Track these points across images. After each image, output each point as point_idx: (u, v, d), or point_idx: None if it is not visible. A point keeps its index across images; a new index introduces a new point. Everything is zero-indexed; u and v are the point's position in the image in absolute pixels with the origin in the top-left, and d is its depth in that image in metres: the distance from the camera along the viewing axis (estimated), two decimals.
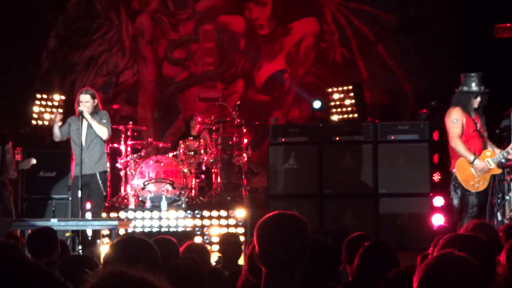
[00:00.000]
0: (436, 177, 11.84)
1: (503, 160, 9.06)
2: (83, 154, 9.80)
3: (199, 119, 13.25)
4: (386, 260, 4.29)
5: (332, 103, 13.08)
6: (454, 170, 9.00)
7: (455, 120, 8.98)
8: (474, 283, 2.75)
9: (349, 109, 12.91)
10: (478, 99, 9.09)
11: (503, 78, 10.90)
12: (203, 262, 5.22)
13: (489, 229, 5.02)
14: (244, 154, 12.97)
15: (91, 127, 9.87)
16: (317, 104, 13.63)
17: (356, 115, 12.83)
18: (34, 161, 11.19)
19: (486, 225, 5.19)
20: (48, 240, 6.11)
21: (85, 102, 9.83)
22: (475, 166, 8.89)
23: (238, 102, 13.50)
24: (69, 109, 10.89)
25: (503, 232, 4.91)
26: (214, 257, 8.97)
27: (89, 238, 9.73)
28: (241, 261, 7.30)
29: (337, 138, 12.03)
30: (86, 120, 9.83)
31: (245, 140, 13.03)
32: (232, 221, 11.59)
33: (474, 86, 9.03)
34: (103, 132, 9.91)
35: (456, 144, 8.95)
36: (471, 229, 4.83)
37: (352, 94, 12.94)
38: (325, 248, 4.10)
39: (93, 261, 4.76)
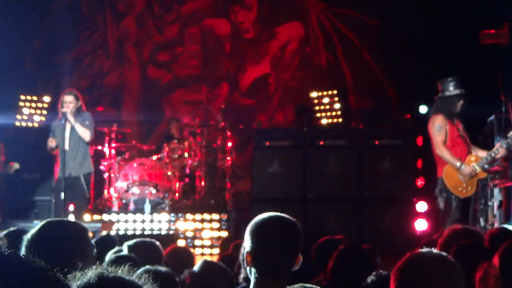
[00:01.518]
0: (420, 182, 11.86)
1: (486, 166, 9.07)
2: (67, 156, 9.78)
3: (186, 122, 13.25)
4: (361, 263, 4.27)
5: (317, 108, 13.09)
6: (441, 176, 9.05)
7: (439, 127, 9.04)
8: (449, 279, 2.73)
9: (334, 113, 12.93)
10: (461, 101, 9.15)
11: (486, 84, 10.92)
12: (187, 265, 5.20)
13: (475, 235, 5.01)
14: (228, 158, 12.96)
15: (74, 130, 9.85)
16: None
17: (340, 119, 12.85)
18: (17, 166, 11.12)
19: (471, 231, 5.17)
20: None
21: (69, 102, 9.83)
22: (462, 171, 8.95)
23: (223, 106, 13.50)
24: (54, 111, 10.85)
25: (488, 237, 4.91)
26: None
27: None
28: None
29: (321, 143, 11.99)
30: (69, 122, 9.81)
31: (229, 144, 13.01)
32: (215, 225, 11.58)
33: (454, 89, 9.09)
34: (85, 134, 9.90)
35: (442, 151, 9.03)
36: (457, 235, 4.81)
37: (337, 99, 12.96)
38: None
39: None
